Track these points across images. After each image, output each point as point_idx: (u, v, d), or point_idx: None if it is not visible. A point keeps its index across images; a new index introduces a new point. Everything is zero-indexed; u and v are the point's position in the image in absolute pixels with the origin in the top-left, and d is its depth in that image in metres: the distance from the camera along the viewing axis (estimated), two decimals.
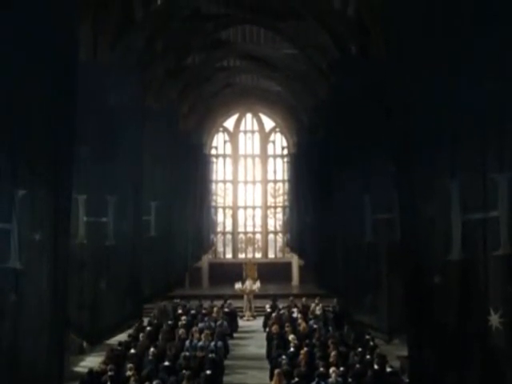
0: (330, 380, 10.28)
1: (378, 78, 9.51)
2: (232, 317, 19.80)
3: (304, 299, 20.56)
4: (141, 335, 14.75)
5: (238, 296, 22.82)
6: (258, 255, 31.00)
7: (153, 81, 20.63)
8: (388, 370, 11.01)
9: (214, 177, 30.05)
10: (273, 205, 31.82)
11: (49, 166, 5.97)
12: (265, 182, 31.67)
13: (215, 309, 18.92)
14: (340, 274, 12.39)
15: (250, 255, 30.72)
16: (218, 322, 17.50)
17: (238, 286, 23.01)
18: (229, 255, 31.35)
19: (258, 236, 31.47)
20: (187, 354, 12.65)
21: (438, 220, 5.76)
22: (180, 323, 16.64)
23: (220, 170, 31.59)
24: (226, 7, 20.17)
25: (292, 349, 13.05)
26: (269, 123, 31.76)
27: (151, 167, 12.87)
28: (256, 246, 31.44)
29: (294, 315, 18.39)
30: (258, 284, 23.31)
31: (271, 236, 31.48)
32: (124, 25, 16.93)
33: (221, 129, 31.74)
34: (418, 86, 6.68)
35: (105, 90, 10.18)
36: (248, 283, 23.23)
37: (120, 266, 10.84)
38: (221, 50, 23.86)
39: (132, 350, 13.16)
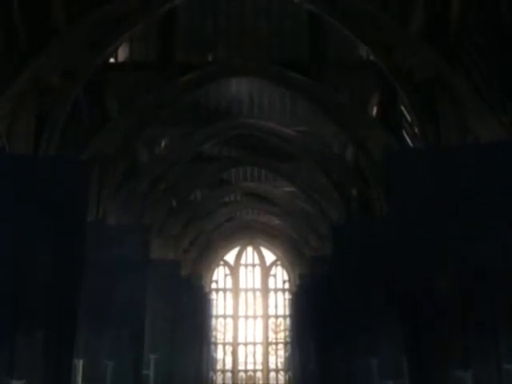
0: None
1: (380, 236, 9.52)
2: None
3: None
4: None
5: None
6: None
7: (155, 219, 20.86)
8: None
9: (214, 311, 29.51)
10: (274, 341, 30.99)
11: (48, 351, 5.77)
12: (266, 316, 31.07)
13: None
14: None
15: None
16: None
17: None
18: None
19: (259, 374, 30.36)
20: None
21: None
22: None
23: (220, 305, 31.11)
24: (228, 150, 20.82)
25: None
26: (270, 256, 31.71)
27: (151, 319, 12.62)
28: None
29: None
30: None
31: (272, 374, 30.34)
32: (128, 169, 17.32)
33: (221, 262, 31.64)
34: (420, 253, 6.63)
35: (104, 247, 10.14)
36: None
37: None
38: (223, 188, 24.36)
39: None
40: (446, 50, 10.02)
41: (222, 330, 30.92)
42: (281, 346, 30.75)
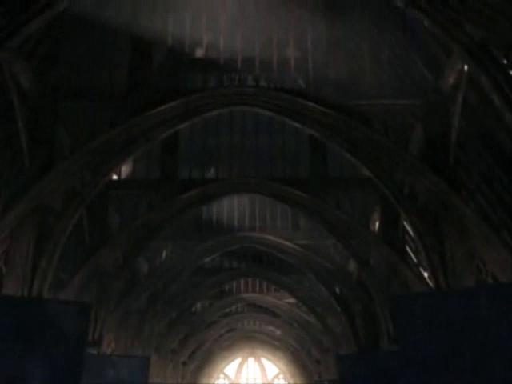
0: None
1: (390, 368, 9.16)
2: None
3: None
4: None
5: None
6: None
7: (154, 333, 20.32)
8: None
9: None
10: None
11: None
12: None
13: None
14: None
15: None
16: None
17: None
18: None
19: None
20: None
21: None
22: None
23: None
24: (229, 262, 20.64)
25: None
26: (271, 368, 30.70)
27: None
28: None
29: None
30: None
31: None
32: (128, 281, 17.04)
33: (221, 375, 30.58)
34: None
35: (102, 375, 9.74)
36: None
37: None
38: (224, 299, 23.95)
39: None
40: (446, 174, 10.05)
41: None
42: None
